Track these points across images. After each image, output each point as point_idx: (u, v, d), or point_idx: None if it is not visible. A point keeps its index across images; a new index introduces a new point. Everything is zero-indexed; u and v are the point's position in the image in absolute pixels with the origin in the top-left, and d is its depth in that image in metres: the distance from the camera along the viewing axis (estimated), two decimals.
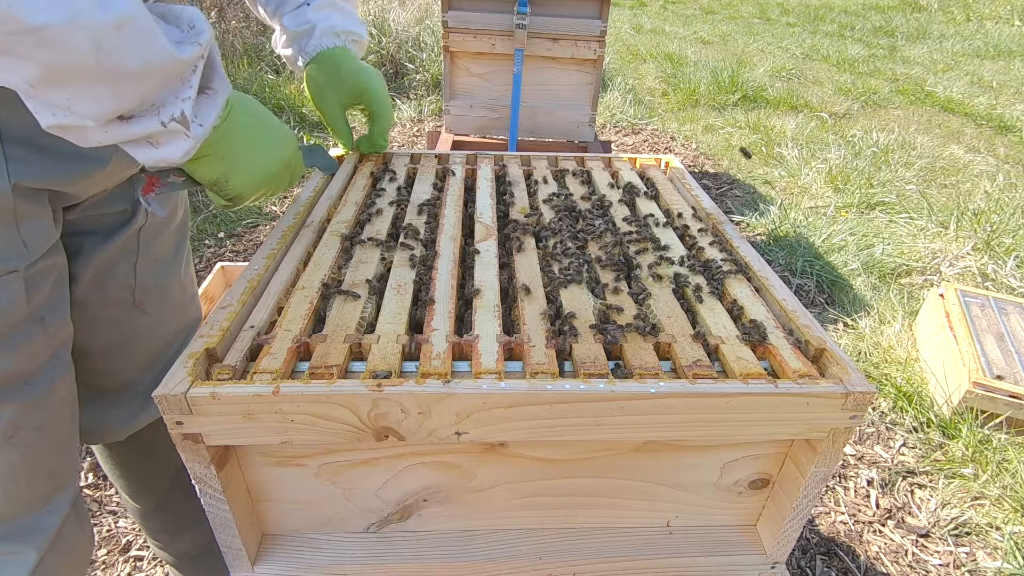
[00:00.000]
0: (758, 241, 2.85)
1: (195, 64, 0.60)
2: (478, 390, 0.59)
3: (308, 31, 1.02)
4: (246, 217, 2.86)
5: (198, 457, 0.61)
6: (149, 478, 1.09)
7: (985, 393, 1.75)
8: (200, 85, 0.62)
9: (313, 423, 0.60)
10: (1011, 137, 4.21)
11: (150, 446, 1.02)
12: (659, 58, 5.92)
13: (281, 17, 1.03)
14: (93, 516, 1.53)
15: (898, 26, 7.48)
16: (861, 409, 0.62)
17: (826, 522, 1.59)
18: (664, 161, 1.20)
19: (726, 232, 0.92)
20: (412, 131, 4.00)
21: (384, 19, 4.85)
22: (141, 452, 1.04)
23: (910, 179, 3.42)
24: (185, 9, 0.62)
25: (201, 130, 0.63)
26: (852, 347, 2.15)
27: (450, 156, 1.16)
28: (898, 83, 5.32)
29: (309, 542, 0.76)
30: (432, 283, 0.77)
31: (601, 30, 2.44)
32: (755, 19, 8.21)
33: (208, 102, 0.64)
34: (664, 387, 0.60)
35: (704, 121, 4.37)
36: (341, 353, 0.63)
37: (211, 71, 0.65)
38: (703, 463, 0.72)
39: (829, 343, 0.67)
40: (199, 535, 1.16)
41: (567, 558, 0.76)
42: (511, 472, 0.71)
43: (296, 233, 0.88)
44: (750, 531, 0.79)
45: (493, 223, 0.92)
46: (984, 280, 2.53)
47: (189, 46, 0.58)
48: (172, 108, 0.59)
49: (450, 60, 2.58)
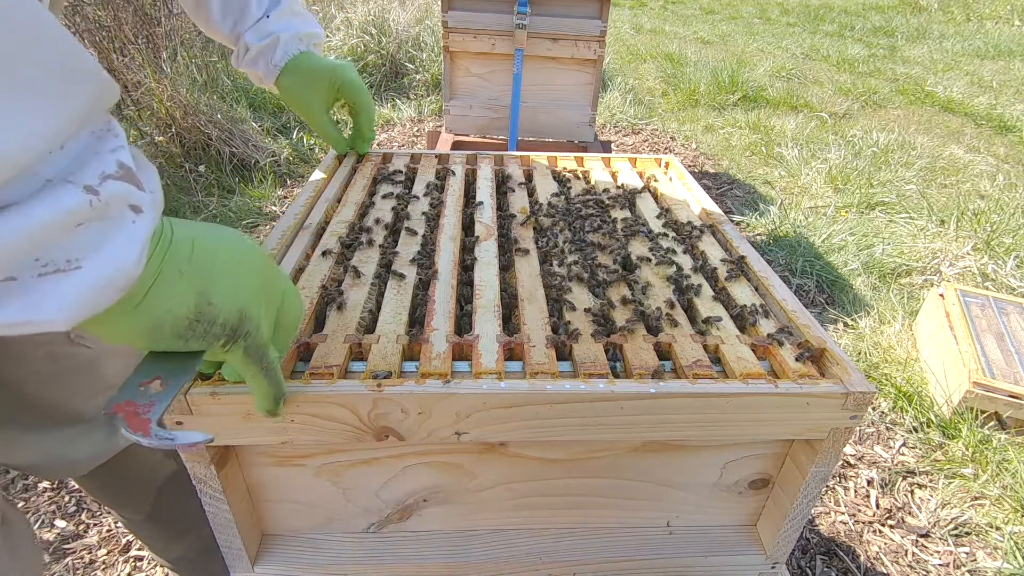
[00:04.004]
0: (758, 241, 2.85)
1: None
2: (478, 390, 0.59)
3: (273, 43, 1.00)
4: (246, 217, 2.86)
5: (198, 457, 0.61)
6: (132, 497, 1.03)
7: (985, 393, 1.75)
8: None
9: (313, 423, 0.60)
10: (1011, 137, 4.21)
11: (124, 468, 0.95)
12: (659, 58, 5.91)
13: (242, 34, 1.00)
14: (93, 516, 1.53)
15: (898, 26, 7.48)
16: (861, 409, 0.62)
17: (826, 522, 1.59)
18: (664, 161, 1.20)
19: (726, 232, 0.92)
20: (412, 131, 4.00)
21: (384, 19, 4.85)
22: (119, 474, 0.97)
23: (910, 179, 3.41)
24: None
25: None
26: (852, 347, 2.15)
27: (450, 156, 1.16)
28: (898, 83, 5.31)
29: (309, 542, 0.76)
30: (432, 283, 0.77)
31: (601, 30, 2.44)
32: (755, 19, 8.21)
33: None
34: (664, 387, 0.60)
35: (704, 121, 4.37)
36: (341, 353, 0.63)
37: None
38: (703, 463, 0.72)
39: (829, 343, 0.67)
40: (195, 540, 1.15)
41: (567, 558, 0.75)
42: (511, 472, 0.71)
43: (295, 233, 0.88)
44: (750, 531, 0.79)
45: (493, 223, 0.92)
46: (984, 280, 2.53)
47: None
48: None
49: (450, 60, 2.58)
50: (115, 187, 0.36)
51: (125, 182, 0.37)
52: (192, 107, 3.12)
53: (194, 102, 3.14)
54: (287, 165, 3.35)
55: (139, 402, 0.45)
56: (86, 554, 1.44)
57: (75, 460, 0.85)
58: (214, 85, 3.66)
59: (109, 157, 0.37)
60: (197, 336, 0.45)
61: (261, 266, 0.51)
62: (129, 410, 0.45)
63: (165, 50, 3.42)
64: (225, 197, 3.00)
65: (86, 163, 0.35)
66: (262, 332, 0.50)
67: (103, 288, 0.36)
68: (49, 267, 0.34)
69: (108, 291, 0.37)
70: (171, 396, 0.46)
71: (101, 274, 0.36)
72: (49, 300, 0.34)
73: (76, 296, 0.35)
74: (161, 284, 0.42)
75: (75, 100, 0.34)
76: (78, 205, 0.34)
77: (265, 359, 0.51)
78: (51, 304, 0.34)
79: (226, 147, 3.19)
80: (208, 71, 3.67)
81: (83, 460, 0.86)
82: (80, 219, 0.34)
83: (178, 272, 0.43)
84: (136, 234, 0.37)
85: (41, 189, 0.33)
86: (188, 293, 0.43)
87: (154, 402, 0.46)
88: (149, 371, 0.47)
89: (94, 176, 0.35)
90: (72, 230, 0.34)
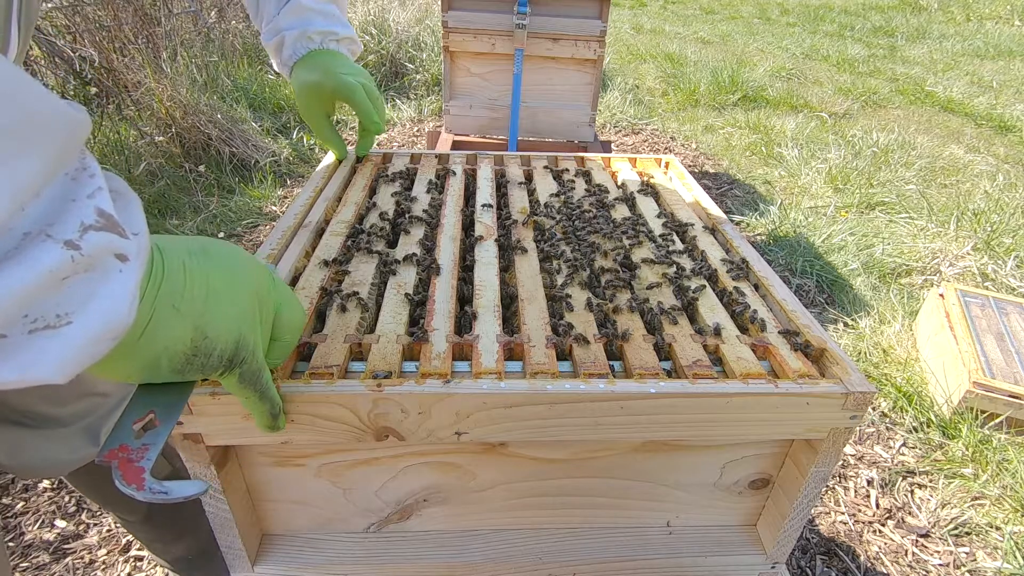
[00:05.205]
0: (758, 241, 2.85)
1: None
2: (478, 390, 0.59)
3: (279, 43, 0.97)
4: (246, 217, 2.86)
5: (198, 457, 0.61)
6: (126, 498, 0.99)
7: (985, 393, 1.75)
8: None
9: (313, 423, 0.60)
10: (1011, 137, 4.21)
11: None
12: (659, 58, 5.91)
13: (262, 34, 0.99)
14: (93, 516, 1.53)
15: (898, 26, 7.47)
16: (861, 409, 0.62)
17: (826, 522, 1.59)
18: (664, 161, 1.20)
19: (726, 232, 0.92)
20: (412, 131, 4.00)
21: (384, 19, 4.85)
22: (108, 477, 0.96)
23: (910, 179, 3.41)
24: None
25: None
26: (852, 347, 2.15)
27: (450, 156, 1.16)
28: (898, 83, 5.31)
29: (309, 542, 0.76)
30: (432, 283, 0.77)
31: (601, 30, 2.44)
32: (755, 19, 8.20)
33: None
34: (664, 387, 0.60)
35: (704, 121, 4.37)
36: (341, 353, 0.63)
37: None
38: (703, 463, 0.72)
39: (829, 343, 0.67)
40: (193, 541, 1.15)
41: (567, 558, 0.75)
42: (511, 472, 0.71)
43: (295, 233, 0.88)
44: (750, 531, 0.79)
45: (493, 223, 0.92)
46: (984, 280, 2.53)
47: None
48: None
49: (450, 60, 2.58)
50: (97, 238, 0.34)
51: (107, 232, 0.35)
52: (192, 107, 3.12)
53: (194, 102, 3.14)
54: (287, 165, 3.35)
55: (132, 446, 0.44)
56: (86, 554, 1.44)
57: (57, 460, 0.83)
58: (214, 85, 3.66)
59: (87, 204, 0.34)
60: (194, 369, 0.44)
61: (254, 285, 0.49)
62: (123, 456, 0.43)
63: (165, 50, 3.42)
64: (225, 197, 3.00)
65: (64, 213, 0.33)
66: (257, 357, 0.49)
67: (97, 340, 0.35)
68: (39, 323, 0.33)
69: (102, 342, 0.36)
70: (164, 436, 0.45)
71: (93, 327, 0.35)
72: (44, 357, 0.33)
73: (70, 352, 0.34)
74: (156, 323, 0.40)
75: (44, 151, 0.32)
76: (59, 263, 0.32)
77: (259, 383, 0.51)
78: (46, 362, 0.33)
79: (226, 147, 3.18)
80: (208, 71, 3.67)
81: (65, 461, 0.84)
82: (64, 274, 0.33)
83: (173, 308, 0.41)
84: (124, 283, 0.36)
85: (19, 246, 0.32)
86: (184, 328, 0.42)
87: (148, 446, 0.44)
88: (142, 406, 0.46)
89: (74, 229, 0.33)
90: (58, 285, 0.33)
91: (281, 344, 0.55)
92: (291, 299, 0.56)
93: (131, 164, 3.02)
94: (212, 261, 0.46)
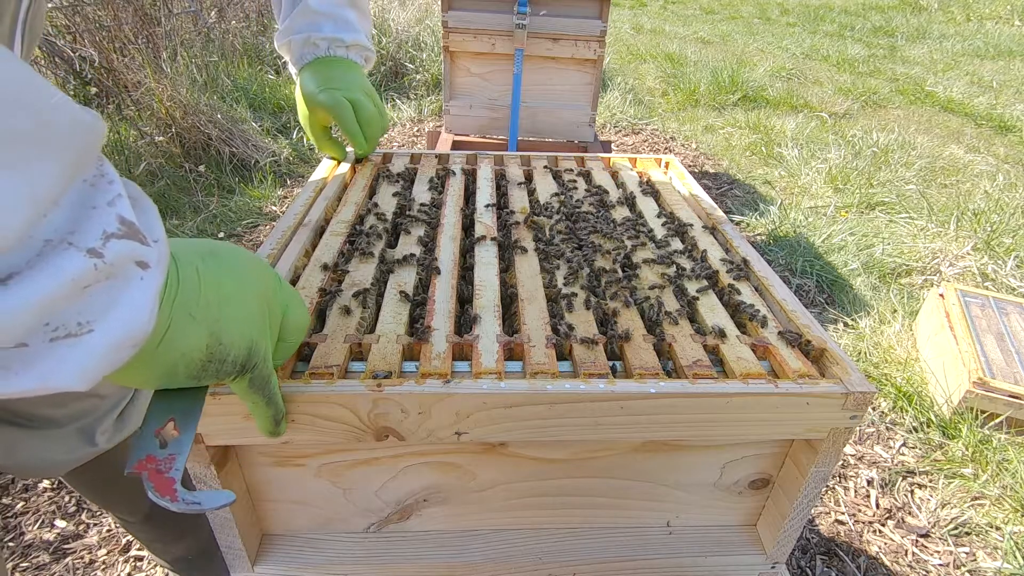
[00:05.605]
0: (758, 241, 2.85)
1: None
2: (478, 390, 0.59)
3: (288, 46, 0.95)
4: (246, 217, 2.86)
5: (198, 457, 0.61)
6: (124, 498, 1.03)
7: (985, 393, 1.75)
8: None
9: (313, 423, 0.60)
10: (1011, 137, 4.21)
11: (112, 471, 0.94)
12: (659, 58, 5.91)
13: (275, 36, 0.97)
14: (93, 516, 1.53)
15: (898, 26, 7.48)
16: (861, 409, 0.62)
17: (826, 522, 1.59)
18: (664, 161, 1.20)
19: (726, 232, 0.92)
20: (412, 131, 4.00)
21: (384, 19, 4.85)
22: (108, 476, 0.96)
23: (910, 179, 3.41)
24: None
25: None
26: (852, 347, 2.15)
27: (450, 156, 1.16)
28: (898, 83, 5.31)
29: (309, 542, 0.76)
30: (432, 283, 0.77)
31: (601, 30, 2.44)
32: (755, 19, 8.21)
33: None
34: (664, 387, 0.60)
35: (704, 121, 4.37)
36: (341, 353, 0.63)
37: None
38: (703, 463, 0.72)
39: (829, 343, 0.67)
40: (194, 541, 1.15)
41: (567, 558, 0.75)
42: (511, 472, 0.71)
43: (294, 233, 0.88)
44: (750, 531, 0.79)
45: (493, 223, 0.92)
46: (984, 280, 2.53)
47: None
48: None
49: (450, 60, 2.58)
50: (119, 247, 0.34)
51: (129, 239, 0.35)
52: (192, 107, 3.12)
53: (194, 102, 3.14)
54: (287, 165, 3.35)
55: (159, 456, 0.44)
56: (86, 554, 1.44)
57: (53, 461, 0.83)
58: (214, 85, 3.66)
59: (108, 212, 0.34)
60: (210, 375, 0.45)
61: (262, 288, 0.50)
62: (152, 468, 0.43)
63: (165, 50, 3.42)
64: (225, 197, 3.00)
65: (85, 220, 0.33)
66: (268, 362, 0.50)
67: (117, 348, 0.35)
68: (60, 331, 0.33)
69: (123, 350, 0.36)
70: (188, 444, 0.45)
71: (114, 335, 0.35)
72: (65, 366, 0.33)
73: (91, 360, 0.34)
74: (174, 331, 0.41)
75: (62, 157, 0.32)
76: (82, 271, 0.32)
77: (268, 388, 0.51)
78: (68, 370, 0.33)
79: (226, 147, 3.19)
80: (208, 71, 3.67)
81: (61, 461, 0.84)
82: (86, 283, 0.33)
83: (189, 316, 0.42)
84: (146, 290, 0.36)
85: (41, 253, 0.31)
86: (200, 335, 0.43)
87: (174, 456, 0.44)
88: (161, 413, 0.46)
89: (96, 237, 0.33)
90: (80, 293, 0.33)
91: (285, 345, 0.56)
92: (296, 300, 0.57)
93: (131, 164, 3.02)
94: (222, 265, 0.46)
